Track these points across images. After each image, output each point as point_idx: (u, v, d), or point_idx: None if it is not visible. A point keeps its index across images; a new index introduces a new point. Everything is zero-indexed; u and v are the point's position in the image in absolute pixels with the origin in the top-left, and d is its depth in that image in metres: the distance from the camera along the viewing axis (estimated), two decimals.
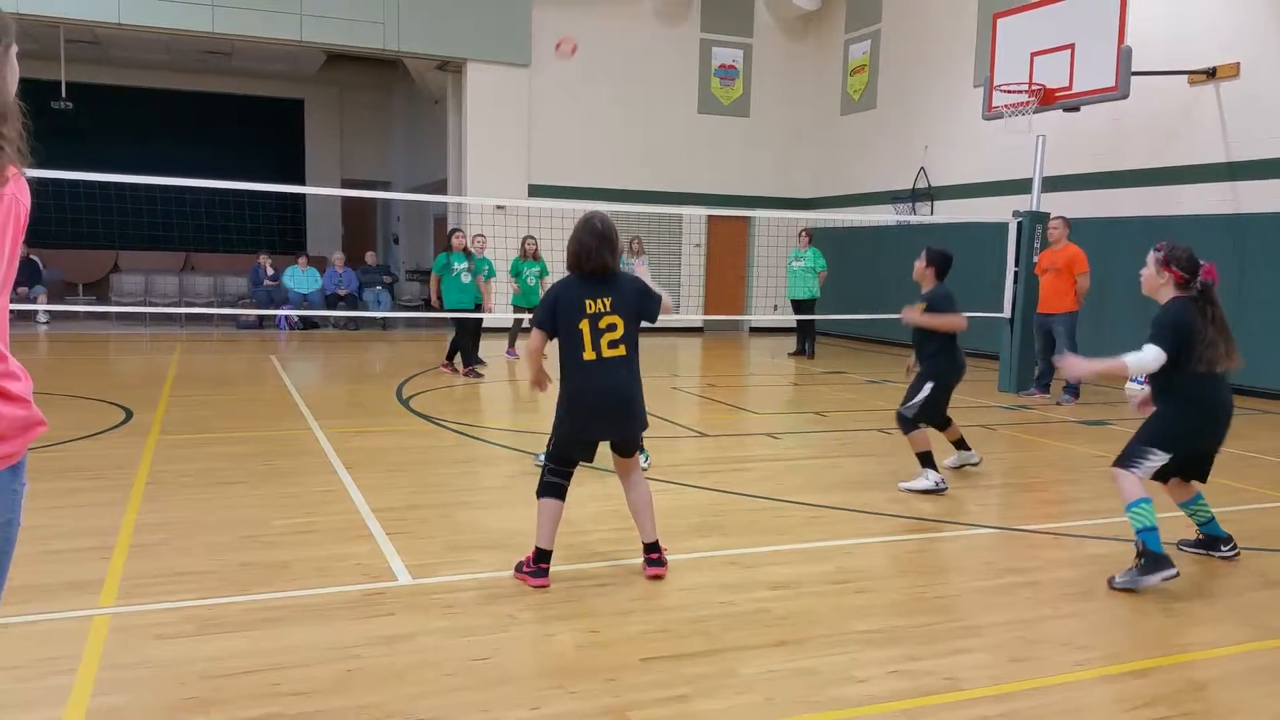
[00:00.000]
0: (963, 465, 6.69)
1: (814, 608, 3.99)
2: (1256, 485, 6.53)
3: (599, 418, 4.19)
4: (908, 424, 6.13)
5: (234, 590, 3.97)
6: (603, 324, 4.10)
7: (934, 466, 6.08)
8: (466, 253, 11.51)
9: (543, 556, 4.14)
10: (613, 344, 4.13)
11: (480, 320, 11.58)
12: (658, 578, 4.27)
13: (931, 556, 4.80)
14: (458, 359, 11.45)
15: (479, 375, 11.31)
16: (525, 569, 4.17)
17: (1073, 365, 4.48)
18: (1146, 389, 4.66)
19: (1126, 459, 4.43)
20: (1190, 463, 4.55)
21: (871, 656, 3.48)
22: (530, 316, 13.31)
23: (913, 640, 3.66)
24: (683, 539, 4.90)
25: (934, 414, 6.26)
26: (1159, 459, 4.39)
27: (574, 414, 4.17)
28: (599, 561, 4.51)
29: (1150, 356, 4.29)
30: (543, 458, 6.29)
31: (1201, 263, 4.39)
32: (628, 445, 4.31)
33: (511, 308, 13.60)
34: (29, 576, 3.95)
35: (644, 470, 6.37)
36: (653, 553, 4.31)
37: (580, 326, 4.09)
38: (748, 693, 3.16)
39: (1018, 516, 5.86)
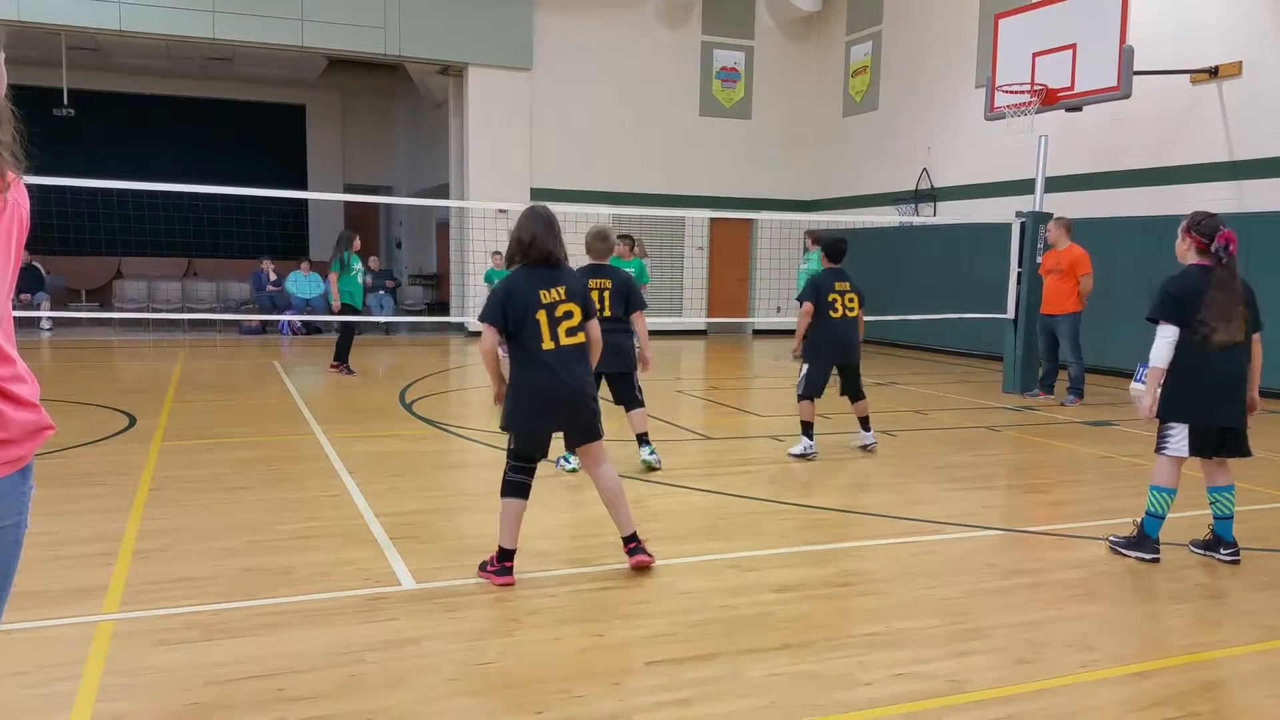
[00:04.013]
0: (863, 446, 7.36)
1: (818, 611, 3.98)
2: (1265, 486, 6.51)
3: (554, 409, 4.18)
4: (799, 397, 7.09)
5: (237, 595, 3.97)
6: (559, 312, 4.11)
7: (810, 435, 7.02)
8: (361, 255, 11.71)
9: (507, 555, 4.17)
10: (571, 331, 4.14)
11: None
12: (645, 566, 4.29)
13: (935, 558, 4.78)
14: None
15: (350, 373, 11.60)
16: (490, 567, 4.18)
17: (1145, 405, 4.75)
18: (1143, 389, 4.83)
19: (1157, 440, 4.75)
20: (1221, 437, 4.64)
21: (876, 659, 3.47)
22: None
23: (917, 643, 3.64)
24: (686, 542, 4.89)
25: (816, 389, 7.11)
26: (1178, 432, 4.64)
27: (529, 407, 4.15)
28: (602, 565, 4.50)
29: (1160, 342, 4.59)
30: (562, 462, 6.31)
31: (1221, 228, 4.59)
32: (589, 433, 4.29)
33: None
34: (33, 582, 3.95)
35: (655, 469, 6.42)
36: (632, 542, 4.33)
37: (537, 318, 4.08)
38: (752, 696, 3.15)
39: (1022, 518, 5.85)
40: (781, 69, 19.29)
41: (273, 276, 17.80)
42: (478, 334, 4.29)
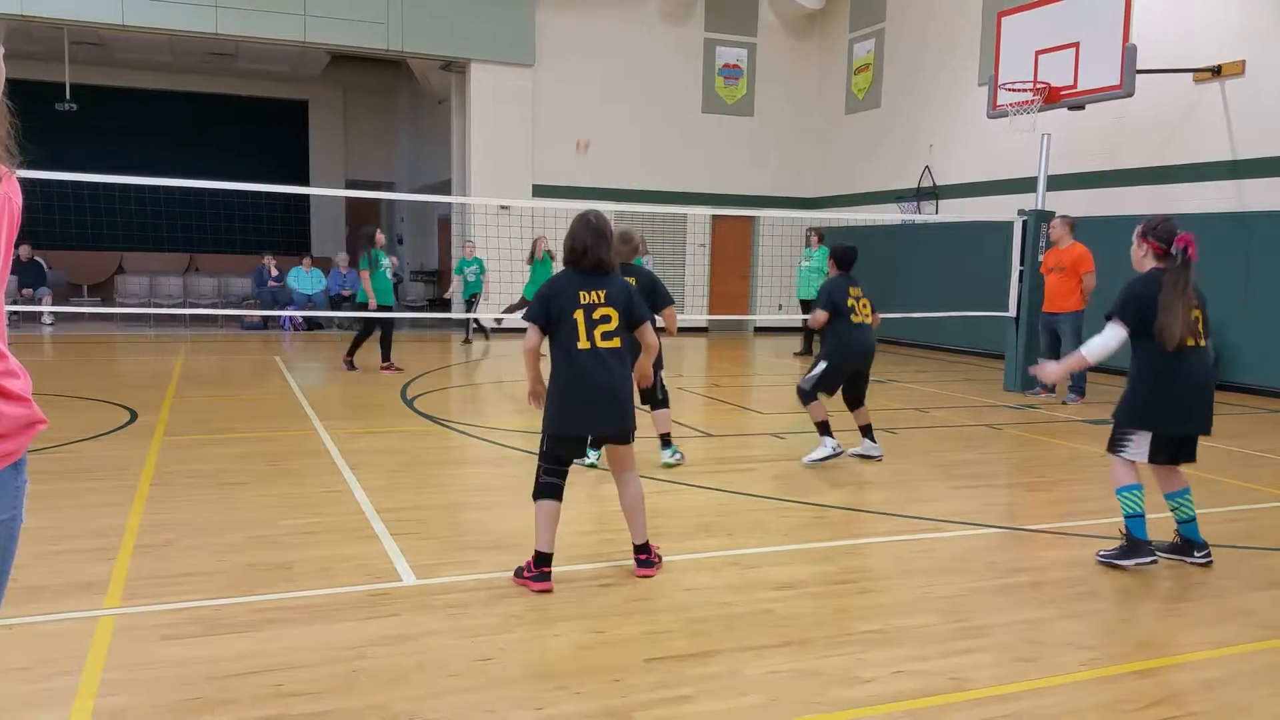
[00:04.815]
0: (865, 455, 7.01)
1: (817, 608, 3.98)
2: (1263, 484, 6.51)
3: (590, 413, 4.16)
4: (805, 396, 6.76)
5: (239, 591, 3.97)
6: (597, 315, 4.10)
7: (830, 434, 6.68)
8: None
9: (544, 560, 4.09)
10: (607, 335, 4.13)
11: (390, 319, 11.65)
12: (647, 577, 4.28)
13: (935, 556, 4.79)
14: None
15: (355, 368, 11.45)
16: (526, 574, 4.11)
17: (1046, 370, 4.78)
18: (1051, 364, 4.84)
19: (1112, 443, 4.64)
20: (1176, 445, 4.56)
21: (876, 657, 3.47)
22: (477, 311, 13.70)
23: (917, 640, 3.65)
24: (687, 539, 4.90)
25: (829, 389, 6.81)
26: (1139, 437, 4.53)
27: (566, 408, 4.14)
28: (603, 562, 4.50)
29: (1106, 336, 4.49)
30: (591, 459, 6.22)
31: (1179, 233, 4.52)
32: (618, 436, 4.26)
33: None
34: (34, 577, 3.96)
35: (675, 465, 6.41)
36: (642, 554, 4.31)
37: (574, 316, 4.09)
38: (751, 693, 3.16)
39: (1023, 516, 5.84)
40: (784, 66, 19.27)
41: (274, 272, 17.79)
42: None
